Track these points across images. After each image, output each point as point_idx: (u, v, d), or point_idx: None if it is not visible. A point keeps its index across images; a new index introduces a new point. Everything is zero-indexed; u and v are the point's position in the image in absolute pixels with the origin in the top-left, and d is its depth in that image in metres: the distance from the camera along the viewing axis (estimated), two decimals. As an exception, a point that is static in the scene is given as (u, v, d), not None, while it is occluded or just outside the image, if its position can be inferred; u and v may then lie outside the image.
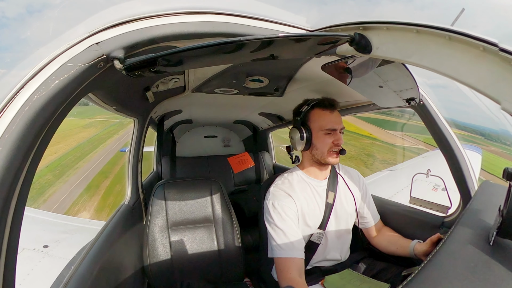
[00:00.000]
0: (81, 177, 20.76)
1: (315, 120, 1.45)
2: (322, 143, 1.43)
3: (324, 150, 1.43)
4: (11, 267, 0.58)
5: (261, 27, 0.83)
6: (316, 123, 1.44)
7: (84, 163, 24.23)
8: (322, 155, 1.44)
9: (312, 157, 1.49)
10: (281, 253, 1.33)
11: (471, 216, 0.77)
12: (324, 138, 1.43)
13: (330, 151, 1.43)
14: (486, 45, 0.53)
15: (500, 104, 0.52)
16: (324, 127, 1.43)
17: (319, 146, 1.44)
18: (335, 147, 1.43)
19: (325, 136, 1.43)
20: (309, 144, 1.45)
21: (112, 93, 1.22)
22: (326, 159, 1.44)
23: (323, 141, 1.43)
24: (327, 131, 1.43)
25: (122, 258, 1.45)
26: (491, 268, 0.56)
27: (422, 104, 1.28)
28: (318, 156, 1.46)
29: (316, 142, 1.44)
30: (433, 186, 3.46)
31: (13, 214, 0.57)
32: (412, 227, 1.56)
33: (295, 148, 1.52)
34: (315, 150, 1.45)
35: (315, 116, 1.46)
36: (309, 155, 1.50)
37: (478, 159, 5.25)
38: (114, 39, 0.67)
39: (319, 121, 1.44)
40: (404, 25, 0.67)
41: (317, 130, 1.44)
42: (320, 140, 1.43)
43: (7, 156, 0.53)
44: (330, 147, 1.43)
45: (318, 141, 1.44)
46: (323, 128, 1.43)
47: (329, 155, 1.43)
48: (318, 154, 1.45)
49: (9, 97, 0.56)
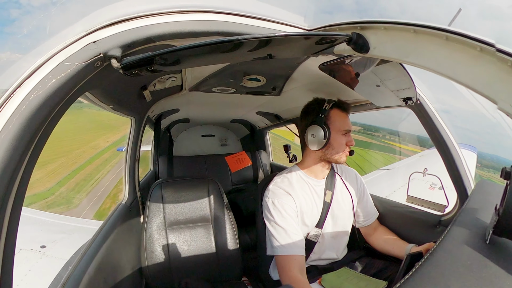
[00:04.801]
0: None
1: (335, 120, 1.45)
2: (339, 143, 1.44)
3: (339, 150, 1.44)
4: (8, 267, 0.57)
5: (259, 26, 0.83)
6: (336, 124, 1.44)
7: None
8: (336, 155, 1.45)
9: (322, 156, 1.48)
10: (282, 251, 1.33)
11: (468, 215, 0.77)
12: (341, 139, 1.44)
13: (344, 151, 1.45)
14: (483, 45, 0.53)
15: (496, 104, 0.53)
16: (343, 128, 1.44)
17: (336, 146, 1.44)
18: (348, 148, 1.46)
19: (342, 136, 1.44)
20: (326, 143, 1.45)
21: (109, 92, 1.21)
22: (339, 159, 1.46)
23: (340, 142, 1.44)
24: (345, 131, 1.45)
25: (119, 258, 1.44)
26: (487, 266, 0.56)
27: (419, 103, 1.29)
28: (330, 155, 1.46)
29: (333, 142, 1.44)
30: (430, 185, 3.47)
31: (10, 215, 0.57)
32: (409, 225, 1.56)
33: (310, 147, 1.49)
34: (330, 149, 1.45)
35: (335, 116, 1.46)
36: (318, 154, 1.49)
37: (474, 158, 5.29)
38: (111, 37, 0.66)
39: (339, 121, 1.45)
40: (402, 25, 0.67)
41: (336, 131, 1.44)
42: (338, 141, 1.44)
43: (4, 156, 0.52)
44: (344, 148, 1.45)
45: (336, 142, 1.44)
46: (342, 128, 1.44)
47: (343, 155, 1.46)
48: (332, 153, 1.45)
49: (5, 96, 0.55)
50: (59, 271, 1.65)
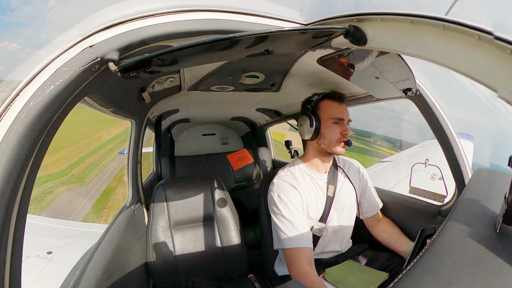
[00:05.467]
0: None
1: (324, 110, 1.47)
2: (330, 132, 1.45)
3: (332, 139, 1.45)
4: (16, 275, 0.58)
5: (255, 22, 0.83)
6: (325, 112, 1.46)
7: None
8: (329, 145, 1.45)
9: (318, 147, 1.50)
10: (290, 244, 1.33)
11: (465, 204, 0.77)
12: (332, 128, 1.45)
13: (338, 141, 1.45)
14: (481, 33, 0.53)
15: (496, 92, 0.52)
16: (333, 116, 1.45)
17: (327, 135, 1.45)
18: (342, 138, 1.45)
19: (333, 125, 1.45)
20: (317, 133, 1.46)
21: (108, 96, 1.21)
22: (333, 149, 1.46)
23: (331, 131, 1.45)
24: (336, 120, 1.45)
25: (126, 260, 1.45)
26: (497, 255, 0.56)
27: (419, 94, 1.28)
28: (325, 146, 1.46)
29: (324, 131, 1.45)
30: (431, 175, 3.47)
31: (15, 222, 0.57)
32: (410, 216, 1.57)
33: (302, 137, 1.53)
34: (322, 139, 1.46)
35: (324, 106, 1.48)
36: (315, 145, 1.51)
37: (471, 147, 5.30)
38: (108, 41, 0.66)
39: (328, 110, 1.46)
40: (399, 15, 0.66)
41: (326, 119, 1.45)
42: (329, 130, 1.45)
43: (7, 164, 0.53)
44: (338, 137, 1.44)
45: (327, 130, 1.45)
46: (332, 117, 1.45)
47: (337, 145, 1.45)
48: (325, 143, 1.46)
49: (5, 105, 0.55)
50: (66, 276, 1.67)
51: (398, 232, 1.53)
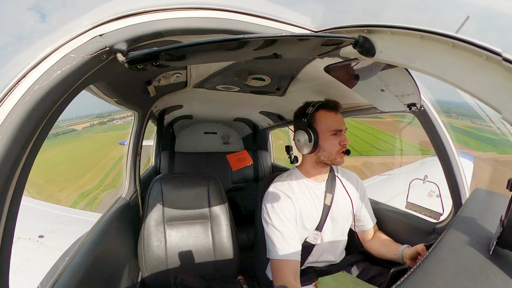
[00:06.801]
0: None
1: (321, 122, 1.43)
2: (329, 144, 1.41)
3: (332, 151, 1.42)
4: (5, 255, 0.58)
5: (266, 25, 0.83)
6: (322, 125, 1.42)
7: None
8: (329, 156, 1.42)
9: (317, 159, 1.47)
10: (277, 255, 1.33)
11: (461, 224, 0.76)
12: (331, 140, 1.41)
13: (337, 152, 1.42)
14: (490, 54, 0.53)
15: (501, 113, 0.52)
16: (331, 128, 1.41)
17: (327, 147, 1.42)
18: (342, 148, 1.42)
19: (332, 137, 1.42)
20: (316, 146, 1.43)
21: (114, 86, 1.22)
22: (333, 160, 1.43)
23: (331, 143, 1.41)
24: (334, 131, 1.42)
25: (117, 251, 1.45)
26: (489, 277, 0.55)
27: (423, 110, 1.28)
28: (324, 158, 1.44)
29: (323, 144, 1.42)
30: (428, 192, 3.46)
31: (10, 203, 0.57)
32: (404, 231, 1.57)
33: (300, 151, 1.49)
34: (322, 151, 1.43)
35: (321, 118, 1.43)
36: (313, 157, 1.48)
37: (470, 167, 5.30)
38: (118, 31, 0.66)
39: (325, 122, 1.42)
40: (409, 30, 0.66)
41: (324, 132, 1.42)
42: (328, 142, 1.42)
43: (6, 144, 0.53)
44: (338, 148, 1.42)
45: (326, 143, 1.42)
46: (330, 129, 1.41)
47: (337, 156, 1.42)
48: (325, 155, 1.43)
49: (10, 86, 0.55)
50: (56, 262, 1.66)
51: (390, 242, 1.53)
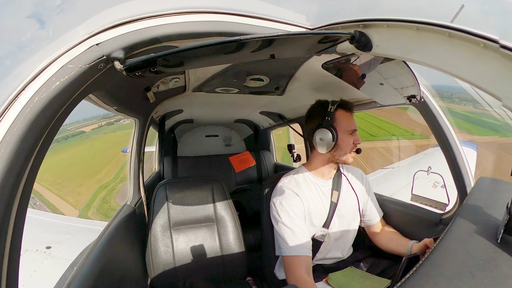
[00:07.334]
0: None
1: (341, 121, 1.44)
2: (346, 143, 1.44)
3: (347, 150, 1.44)
4: (14, 268, 0.58)
5: (262, 26, 0.83)
6: (342, 124, 1.44)
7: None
8: (344, 155, 1.45)
9: (331, 158, 1.48)
10: (289, 251, 1.33)
11: (467, 213, 0.76)
12: (349, 139, 1.44)
13: (351, 151, 1.45)
14: (487, 41, 0.53)
15: (501, 101, 0.52)
16: (350, 128, 1.44)
17: (343, 146, 1.44)
18: (354, 147, 1.45)
19: (349, 136, 1.44)
20: (335, 145, 1.43)
21: (113, 94, 1.22)
22: (347, 159, 1.46)
23: (348, 142, 1.44)
24: (351, 131, 1.44)
25: (124, 259, 1.45)
26: (499, 266, 0.55)
27: (423, 101, 1.28)
28: (339, 156, 1.45)
29: (341, 143, 1.43)
30: (433, 183, 3.44)
31: (15, 216, 0.57)
32: (411, 224, 1.56)
33: (320, 150, 1.47)
34: (339, 150, 1.44)
35: (340, 117, 1.45)
36: (327, 155, 1.48)
37: (474, 156, 5.27)
38: (114, 39, 0.66)
39: (345, 122, 1.44)
40: (404, 22, 0.66)
41: (343, 131, 1.43)
42: (345, 141, 1.44)
43: (9, 158, 0.53)
44: (352, 147, 1.44)
45: (343, 142, 1.43)
46: (349, 129, 1.44)
47: (350, 155, 1.45)
48: (340, 154, 1.45)
49: (10, 99, 0.56)
50: (64, 272, 1.67)
51: (398, 236, 1.52)
